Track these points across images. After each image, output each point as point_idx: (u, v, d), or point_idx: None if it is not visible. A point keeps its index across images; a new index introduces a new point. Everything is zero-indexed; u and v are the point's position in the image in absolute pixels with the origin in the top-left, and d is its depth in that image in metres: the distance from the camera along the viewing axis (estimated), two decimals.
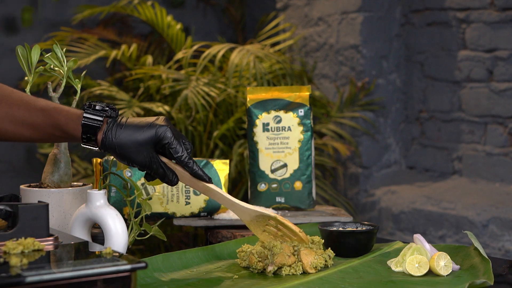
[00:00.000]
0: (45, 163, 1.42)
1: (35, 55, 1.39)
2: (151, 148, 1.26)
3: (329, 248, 1.34)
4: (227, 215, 1.58)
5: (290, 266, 1.27)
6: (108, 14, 3.70)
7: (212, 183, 1.31)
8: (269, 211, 1.37)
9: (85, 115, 1.25)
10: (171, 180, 1.29)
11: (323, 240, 1.35)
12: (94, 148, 1.27)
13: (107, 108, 1.27)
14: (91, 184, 1.45)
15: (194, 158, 1.59)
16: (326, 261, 1.30)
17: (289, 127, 1.66)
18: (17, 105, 1.28)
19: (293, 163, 1.66)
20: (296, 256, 1.28)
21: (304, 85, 1.72)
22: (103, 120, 1.25)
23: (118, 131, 1.25)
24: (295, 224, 1.56)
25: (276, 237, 1.32)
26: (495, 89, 3.16)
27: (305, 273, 1.27)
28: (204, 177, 1.30)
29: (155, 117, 1.28)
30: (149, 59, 3.31)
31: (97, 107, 1.26)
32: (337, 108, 3.42)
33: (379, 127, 3.45)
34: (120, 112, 3.10)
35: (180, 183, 1.56)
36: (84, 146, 1.27)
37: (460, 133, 3.30)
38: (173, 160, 1.29)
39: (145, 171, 1.29)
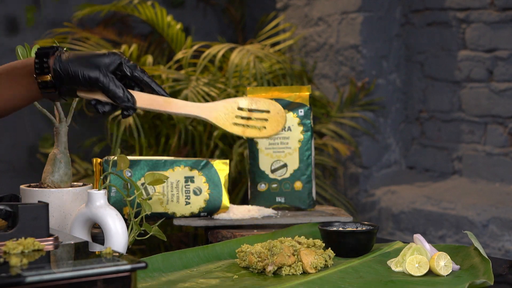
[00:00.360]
0: (45, 163, 1.42)
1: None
2: (106, 67, 1.25)
3: (329, 248, 1.34)
4: (227, 215, 1.58)
5: (290, 266, 1.27)
6: (108, 14, 3.70)
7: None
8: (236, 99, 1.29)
9: (36, 51, 1.26)
10: (131, 102, 1.26)
11: (323, 244, 1.34)
12: (46, 79, 1.25)
13: (56, 46, 1.29)
14: (91, 184, 1.45)
15: (193, 158, 1.59)
16: (326, 261, 1.30)
17: (289, 127, 1.66)
18: None
19: (293, 163, 1.66)
20: (296, 256, 1.28)
21: (304, 85, 1.72)
22: (55, 50, 1.27)
23: (68, 57, 1.26)
24: (295, 224, 1.56)
25: (247, 127, 1.26)
26: (495, 89, 3.17)
27: (305, 273, 1.27)
28: (162, 92, 1.28)
29: None
30: (149, 59, 3.31)
31: (46, 47, 1.28)
32: (337, 108, 3.42)
33: (379, 127, 3.45)
34: (119, 112, 3.10)
35: (176, 183, 1.56)
36: (38, 79, 1.25)
37: (460, 133, 3.30)
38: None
39: (104, 97, 1.26)
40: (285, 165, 1.66)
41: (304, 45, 3.63)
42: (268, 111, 1.25)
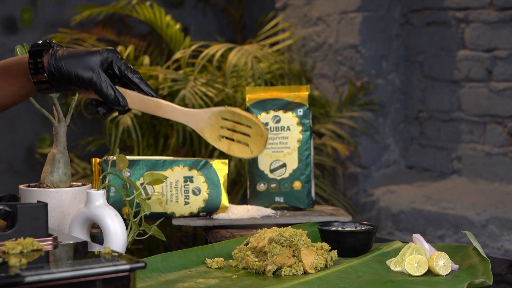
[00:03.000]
0: (44, 163, 1.42)
1: None
2: (99, 68, 1.25)
3: (334, 249, 1.33)
4: (226, 215, 1.58)
5: (290, 266, 1.26)
6: (107, 14, 3.70)
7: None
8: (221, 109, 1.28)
9: (30, 50, 1.26)
10: (122, 104, 1.26)
11: (329, 247, 1.34)
12: (42, 79, 1.25)
13: (49, 42, 1.28)
14: (90, 184, 1.45)
15: (192, 158, 1.59)
16: (326, 261, 1.30)
17: (288, 126, 1.66)
18: None
19: (292, 163, 1.66)
20: (296, 257, 1.27)
21: (303, 85, 1.72)
22: (48, 48, 1.26)
23: (64, 52, 1.25)
24: (294, 223, 1.56)
25: (232, 142, 1.25)
26: (494, 88, 3.17)
27: (305, 273, 1.27)
28: (154, 94, 1.28)
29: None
30: (146, 59, 3.30)
31: (39, 43, 1.27)
32: (336, 108, 3.42)
33: (378, 127, 3.45)
34: (117, 113, 3.10)
35: (175, 182, 1.56)
36: (34, 79, 1.26)
37: (459, 132, 3.30)
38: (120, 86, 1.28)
39: (96, 99, 1.27)
40: (284, 165, 1.66)
41: (303, 45, 3.63)
42: (250, 127, 1.25)
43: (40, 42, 1.28)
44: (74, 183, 1.44)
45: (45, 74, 1.25)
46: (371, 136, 3.43)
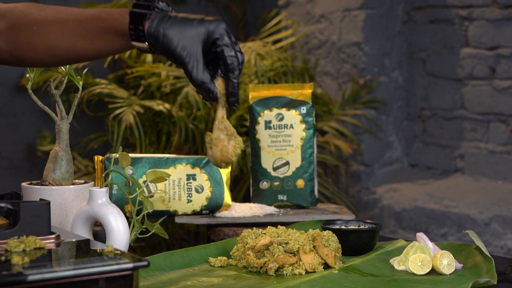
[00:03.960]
0: (46, 160, 1.41)
1: None
2: (198, 44, 1.15)
3: (339, 249, 1.32)
4: (229, 213, 1.58)
5: (292, 265, 1.26)
6: None
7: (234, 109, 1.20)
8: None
9: (133, 9, 1.20)
10: (211, 96, 1.17)
11: (338, 245, 1.33)
12: (142, 44, 1.19)
13: (157, 1, 1.20)
14: (93, 182, 1.44)
15: (195, 156, 1.59)
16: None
17: (291, 124, 1.66)
18: (67, 18, 1.25)
19: (296, 161, 1.65)
20: (296, 256, 1.27)
21: (306, 83, 1.71)
22: (151, 12, 1.19)
23: (166, 21, 1.17)
24: (297, 222, 1.55)
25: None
26: (498, 86, 3.16)
27: (306, 272, 1.27)
28: (236, 102, 1.18)
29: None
30: (149, 57, 3.30)
31: (144, 1, 1.20)
32: (339, 105, 3.42)
33: (381, 124, 3.45)
34: (119, 111, 3.10)
35: (178, 180, 1.56)
36: (134, 44, 1.20)
37: (462, 130, 3.29)
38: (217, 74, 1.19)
39: (193, 80, 1.17)
40: (287, 163, 1.66)
41: (306, 42, 3.62)
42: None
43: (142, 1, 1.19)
44: (77, 180, 1.44)
45: (146, 43, 1.18)
46: (374, 134, 3.42)
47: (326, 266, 1.29)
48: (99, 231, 1.41)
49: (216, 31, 1.16)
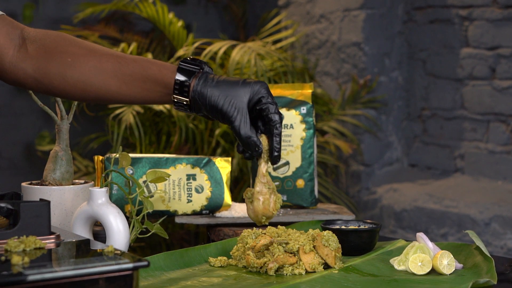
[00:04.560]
0: (46, 160, 1.41)
1: None
2: (246, 104, 1.20)
3: (339, 249, 1.32)
4: (229, 213, 1.58)
5: (292, 265, 1.26)
6: (110, 11, 3.69)
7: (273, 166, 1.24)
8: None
9: (181, 64, 1.21)
10: (257, 151, 1.21)
11: (338, 245, 1.33)
12: (183, 101, 1.20)
13: (201, 63, 1.22)
14: (93, 182, 1.44)
15: (195, 156, 1.59)
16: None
17: (291, 124, 1.66)
18: (106, 57, 1.24)
19: (296, 161, 1.65)
20: (296, 256, 1.27)
21: (306, 83, 1.71)
22: (199, 70, 1.21)
23: (212, 80, 1.20)
24: (297, 222, 1.55)
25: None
26: (498, 86, 3.16)
27: (306, 272, 1.27)
28: (278, 157, 1.23)
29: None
30: (149, 56, 3.30)
31: (191, 60, 1.22)
32: (339, 105, 3.42)
33: (381, 124, 3.45)
34: (119, 110, 3.10)
35: (178, 180, 1.56)
36: (174, 98, 1.21)
37: (462, 131, 3.29)
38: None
39: (240, 139, 1.21)
40: (287, 163, 1.66)
41: (306, 43, 3.62)
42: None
43: (190, 58, 1.23)
44: (77, 180, 1.44)
45: (188, 100, 1.21)
46: (374, 134, 3.42)
47: (326, 266, 1.29)
48: (99, 231, 1.41)
49: (260, 90, 1.21)
